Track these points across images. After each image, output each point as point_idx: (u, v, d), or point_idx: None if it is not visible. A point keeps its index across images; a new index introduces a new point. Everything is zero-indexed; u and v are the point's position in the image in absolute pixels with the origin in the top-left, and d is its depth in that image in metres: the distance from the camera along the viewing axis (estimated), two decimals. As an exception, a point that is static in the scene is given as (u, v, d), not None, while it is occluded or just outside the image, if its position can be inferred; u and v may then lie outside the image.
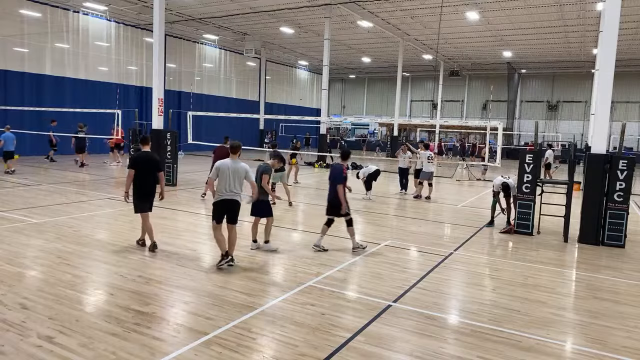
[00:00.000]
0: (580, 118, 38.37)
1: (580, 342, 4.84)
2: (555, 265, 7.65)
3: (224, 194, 6.70)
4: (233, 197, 6.73)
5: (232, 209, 6.79)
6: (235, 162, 6.77)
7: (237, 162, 6.78)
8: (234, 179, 6.68)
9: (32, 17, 22.48)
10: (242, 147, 7.05)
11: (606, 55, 9.20)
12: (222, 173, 6.66)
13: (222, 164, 6.72)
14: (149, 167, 7.38)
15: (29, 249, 7.32)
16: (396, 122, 33.11)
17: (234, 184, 6.70)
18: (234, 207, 6.80)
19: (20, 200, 11.27)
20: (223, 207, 6.75)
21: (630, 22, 22.16)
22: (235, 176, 6.69)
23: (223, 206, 6.74)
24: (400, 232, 9.77)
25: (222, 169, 6.66)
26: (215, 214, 6.77)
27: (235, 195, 6.75)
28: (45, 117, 20.44)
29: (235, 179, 6.69)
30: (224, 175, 6.65)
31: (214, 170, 6.77)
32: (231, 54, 35.17)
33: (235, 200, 6.76)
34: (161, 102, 15.16)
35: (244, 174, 6.77)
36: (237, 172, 6.70)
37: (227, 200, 6.72)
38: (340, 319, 5.12)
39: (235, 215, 6.85)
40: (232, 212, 6.80)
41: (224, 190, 6.69)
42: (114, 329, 4.65)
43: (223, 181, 6.67)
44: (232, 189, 6.70)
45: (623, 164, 8.83)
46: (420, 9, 22.77)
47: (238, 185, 6.75)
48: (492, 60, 35.65)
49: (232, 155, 6.82)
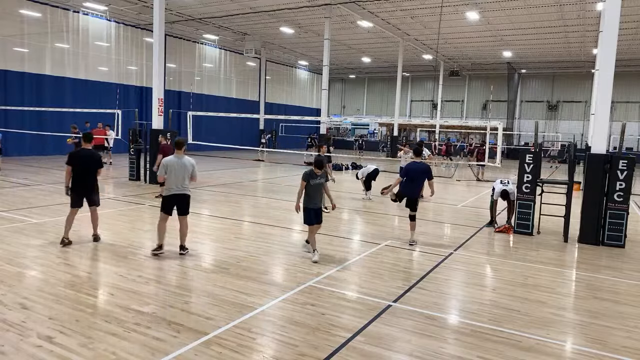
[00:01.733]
0: (580, 118, 38.38)
1: (580, 342, 4.84)
2: (555, 265, 7.65)
3: (174, 189, 7.12)
4: (183, 191, 7.18)
5: (182, 202, 7.24)
6: (181, 158, 7.16)
7: (182, 158, 7.16)
8: (182, 175, 7.10)
9: (32, 17, 22.48)
10: (242, 147, 7.20)
11: (606, 55, 9.20)
12: (170, 169, 7.06)
13: (169, 160, 7.14)
14: (86, 164, 7.62)
15: (29, 249, 7.32)
16: (396, 122, 33.13)
17: (182, 179, 7.12)
18: (184, 201, 7.25)
19: (20, 200, 11.27)
20: (173, 201, 7.19)
21: (630, 22, 22.17)
22: (183, 171, 7.10)
23: (173, 200, 7.19)
24: (400, 232, 9.76)
25: (170, 165, 7.07)
26: (165, 206, 7.22)
27: (185, 189, 7.18)
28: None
29: (184, 174, 7.11)
30: (172, 171, 7.06)
31: (161, 167, 7.14)
32: (231, 54, 35.17)
33: (184, 194, 7.21)
34: (161, 102, 15.16)
35: (191, 168, 7.19)
36: (185, 168, 7.14)
37: (177, 195, 7.15)
38: (340, 319, 5.11)
39: (185, 207, 7.30)
40: (182, 205, 7.25)
41: (174, 185, 7.10)
42: (114, 329, 4.65)
43: (172, 177, 7.07)
44: (181, 184, 7.12)
45: (623, 164, 8.82)
46: (420, 9, 22.77)
47: (187, 180, 7.18)
48: (492, 60, 35.66)
49: (177, 151, 7.25)
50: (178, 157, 7.16)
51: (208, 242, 8.25)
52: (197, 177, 7.40)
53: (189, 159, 7.24)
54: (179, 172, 7.08)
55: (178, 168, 7.07)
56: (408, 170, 8.61)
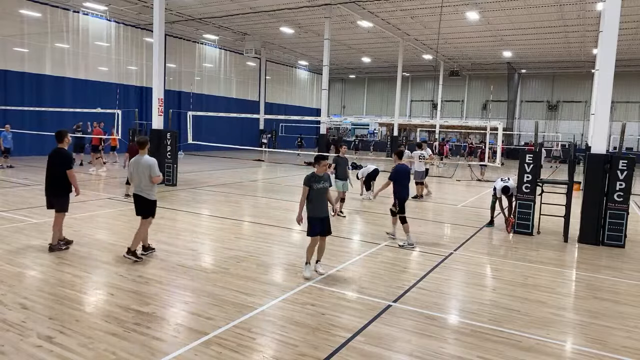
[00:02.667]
0: (580, 118, 38.39)
1: (580, 342, 4.84)
2: (555, 265, 7.65)
3: (134, 189, 7.04)
4: (139, 192, 6.98)
5: (137, 203, 7.03)
6: (140, 158, 6.96)
7: (141, 158, 6.95)
8: (140, 175, 6.90)
9: (32, 17, 22.48)
10: (242, 147, 7.14)
11: (606, 55, 9.20)
12: (133, 169, 6.97)
13: (133, 160, 7.05)
14: (50, 163, 7.36)
15: (29, 249, 7.32)
16: (396, 122, 33.13)
17: (140, 180, 6.92)
18: (138, 202, 7.01)
19: (20, 200, 11.26)
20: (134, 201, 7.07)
21: (630, 22, 22.17)
22: (140, 172, 6.88)
23: (134, 200, 7.06)
24: (400, 232, 9.76)
25: (132, 165, 6.99)
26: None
27: (140, 190, 6.96)
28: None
29: (140, 175, 6.89)
30: (133, 171, 6.97)
31: (129, 167, 7.09)
32: (231, 54, 35.18)
33: (138, 195, 6.99)
34: (161, 102, 15.15)
35: (148, 169, 6.89)
36: (141, 167, 6.87)
37: (134, 195, 7.04)
38: (340, 319, 5.11)
39: (139, 209, 7.03)
40: (137, 206, 7.05)
41: (135, 186, 7.04)
42: (114, 329, 4.65)
43: (134, 177, 6.97)
44: (138, 184, 6.96)
45: (623, 164, 8.82)
46: (420, 9, 22.77)
47: (144, 181, 6.90)
48: (492, 60, 35.66)
49: (140, 151, 7.04)
50: (139, 157, 6.95)
51: (208, 242, 8.25)
52: (158, 177, 6.94)
53: (146, 160, 6.90)
54: (136, 172, 6.91)
55: (138, 168, 6.89)
56: (398, 172, 8.53)
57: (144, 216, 7.02)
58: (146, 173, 6.87)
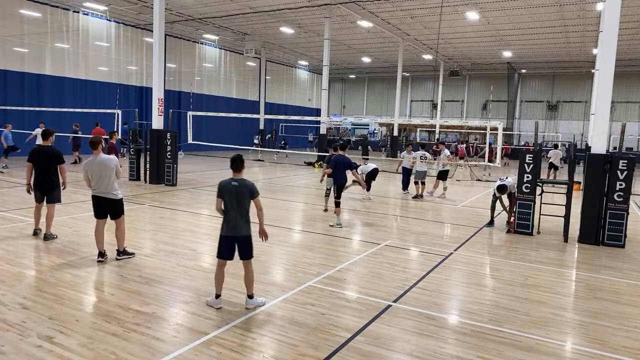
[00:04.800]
0: (580, 118, 38.37)
1: (580, 342, 4.84)
2: (555, 265, 7.65)
3: (97, 192, 6.82)
4: (103, 194, 6.80)
5: (104, 206, 6.88)
6: (96, 158, 6.76)
7: (96, 158, 6.76)
8: (103, 175, 6.72)
9: (32, 17, 22.47)
10: (242, 147, 7.09)
11: (606, 55, 9.20)
12: (91, 172, 6.75)
13: (87, 163, 6.80)
14: (45, 160, 7.73)
15: (29, 249, 7.32)
16: (396, 122, 33.09)
17: (102, 180, 6.75)
18: (107, 205, 6.87)
19: (20, 200, 11.26)
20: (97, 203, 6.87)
21: (630, 22, 22.16)
22: (102, 172, 6.71)
23: (96, 201, 6.87)
24: (400, 232, 9.77)
25: (88, 168, 6.76)
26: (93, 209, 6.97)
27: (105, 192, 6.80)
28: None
29: (103, 175, 6.72)
30: (92, 173, 6.75)
31: (84, 171, 6.85)
32: (231, 54, 35.17)
33: (103, 198, 6.83)
34: (161, 102, 15.15)
35: (112, 169, 6.77)
36: (102, 168, 6.71)
37: (98, 198, 6.84)
38: (340, 319, 5.11)
39: (112, 212, 6.91)
40: (106, 209, 6.90)
41: (96, 188, 6.81)
42: (114, 329, 4.65)
43: (94, 179, 6.76)
44: (100, 186, 6.78)
45: (623, 164, 8.82)
46: (420, 9, 22.76)
47: (107, 181, 6.75)
48: (492, 60, 35.64)
49: (94, 151, 6.81)
50: (93, 158, 6.75)
51: (208, 242, 8.25)
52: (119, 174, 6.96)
53: (106, 158, 6.81)
54: (97, 174, 6.70)
55: (99, 169, 6.70)
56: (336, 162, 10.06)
57: (118, 217, 6.97)
58: (108, 173, 6.73)
